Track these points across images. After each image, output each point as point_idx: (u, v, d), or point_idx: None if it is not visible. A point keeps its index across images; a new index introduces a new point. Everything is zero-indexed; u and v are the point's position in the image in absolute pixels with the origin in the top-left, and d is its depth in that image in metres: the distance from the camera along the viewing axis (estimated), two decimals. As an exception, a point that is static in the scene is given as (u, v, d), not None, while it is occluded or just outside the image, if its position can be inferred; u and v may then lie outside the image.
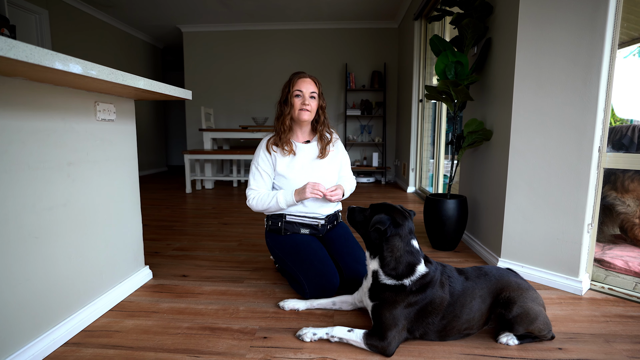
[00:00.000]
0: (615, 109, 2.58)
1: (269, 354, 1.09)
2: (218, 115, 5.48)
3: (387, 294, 1.10)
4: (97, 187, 1.33)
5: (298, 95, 1.49)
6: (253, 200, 1.51)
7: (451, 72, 1.90)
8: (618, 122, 2.57)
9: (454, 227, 2.00)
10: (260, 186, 1.54)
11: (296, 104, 1.49)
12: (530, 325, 1.09)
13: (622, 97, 2.48)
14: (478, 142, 1.92)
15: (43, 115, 1.09)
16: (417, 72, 3.94)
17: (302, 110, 1.50)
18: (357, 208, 1.27)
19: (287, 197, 1.47)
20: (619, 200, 1.98)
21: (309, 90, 1.49)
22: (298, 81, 1.50)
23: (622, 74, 2.39)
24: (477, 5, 1.86)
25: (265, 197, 1.50)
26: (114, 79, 1.05)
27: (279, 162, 1.53)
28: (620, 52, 2.39)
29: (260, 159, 1.55)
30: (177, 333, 1.21)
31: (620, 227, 2.10)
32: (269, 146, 1.55)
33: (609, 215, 2.13)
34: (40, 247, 1.08)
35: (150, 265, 1.79)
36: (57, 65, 0.84)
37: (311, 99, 1.51)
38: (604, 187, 2.08)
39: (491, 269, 1.19)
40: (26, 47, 0.76)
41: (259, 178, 1.54)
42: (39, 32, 3.81)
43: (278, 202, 1.47)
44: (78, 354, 1.09)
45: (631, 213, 1.94)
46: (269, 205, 1.49)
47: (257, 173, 1.55)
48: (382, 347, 1.06)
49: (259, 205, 1.50)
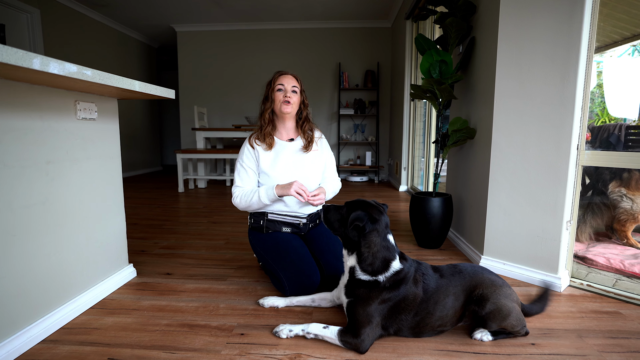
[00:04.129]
0: (608, 108, 2.60)
1: (245, 350, 1.10)
2: (212, 114, 5.49)
3: (361, 290, 1.11)
4: (78, 186, 1.34)
5: (280, 90, 1.51)
6: (237, 197, 1.52)
7: (436, 71, 1.91)
8: (612, 121, 2.58)
9: (439, 225, 2.01)
10: (246, 183, 1.55)
11: (278, 97, 1.52)
12: (503, 322, 1.11)
13: (616, 96, 2.49)
14: (462, 140, 1.94)
15: (20, 114, 1.09)
16: (409, 71, 3.95)
17: (284, 103, 1.51)
18: (332, 206, 1.24)
19: (269, 192, 1.47)
20: (626, 197, 1.99)
21: (290, 85, 1.52)
22: (279, 77, 1.53)
23: (615, 73, 2.41)
24: (461, 4, 1.88)
25: (249, 193, 1.50)
26: (85, 77, 1.06)
27: (262, 157, 1.54)
28: (615, 51, 2.40)
29: (245, 156, 1.55)
30: (156, 330, 1.22)
31: (608, 225, 2.12)
32: (252, 142, 1.56)
33: (599, 212, 2.14)
34: (17, 245, 1.08)
35: (135, 263, 1.79)
36: (24, 64, 0.84)
37: (293, 92, 1.53)
38: (611, 183, 2.10)
39: (466, 267, 1.20)
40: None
41: (244, 175, 1.55)
42: (31, 31, 3.81)
43: (260, 196, 1.47)
44: (54, 351, 1.09)
45: (637, 210, 1.95)
46: (251, 201, 1.49)
47: (242, 170, 1.55)
48: (356, 344, 1.07)
49: (243, 202, 1.51)
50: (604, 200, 2.11)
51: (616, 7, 2.25)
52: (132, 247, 2.07)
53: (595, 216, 2.10)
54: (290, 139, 1.61)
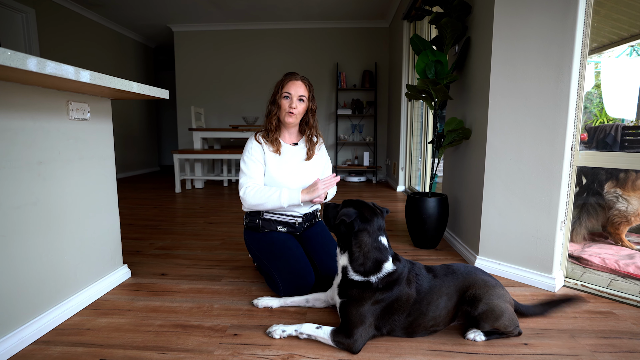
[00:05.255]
0: (606, 109, 2.60)
1: (237, 351, 1.10)
2: (209, 115, 5.48)
3: (354, 291, 1.11)
4: (71, 186, 1.33)
5: (287, 97, 1.49)
6: (250, 190, 1.45)
7: (431, 71, 1.91)
8: (611, 121, 2.58)
9: (434, 225, 2.01)
10: (256, 175, 1.49)
11: (283, 105, 1.49)
12: (495, 322, 1.11)
13: (614, 97, 2.49)
14: (457, 140, 1.94)
15: (10, 114, 1.09)
16: (406, 71, 3.96)
17: (288, 114, 1.50)
18: (332, 204, 1.28)
19: (293, 195, 1.43)
20: (621, 197, 1.99)
21: (297, 93, 1.48)
22: (288, 83, 1.48)
23: (613, 73, 2.40)
24: (456, 4, 1.88)
25: (267, 190, 1.45)
26: (65, 75, 1.06)
27: (268, 156, 1.52)
28: (613, 52, 2.40)
29: (253, 149, 1.51)
30: (149, 331, 1.21)
31: (603, 226, 2.12)
32: (260, 138, 1.54)
33: (594, 213, 2.15)
34: (7, 246, 1.08)
35: (130, 264, 1.79)
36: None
37: (299, 102, 1.49)
38: (606, 183, 2.10)
39: (459, 267, 1.20)
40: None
41: (253, 167, 1.49)
42: (26, 31, 3.79)
43: (281, 197, 1.42)
44: (46, 352, 1.09)
45: (631, 212, 1.95)
46: (268, 198, 1.43)
47: (251, 162, 1.50)
48: (348, 344, 1.07)
49: (256, 198, 1.44)
50: (600, 200, 2.11)
51: (614, 8, 2.25)
52: (127, 247, 2.07)
53: (590, 217, 2.10)
54: (294, 142, 1.60)
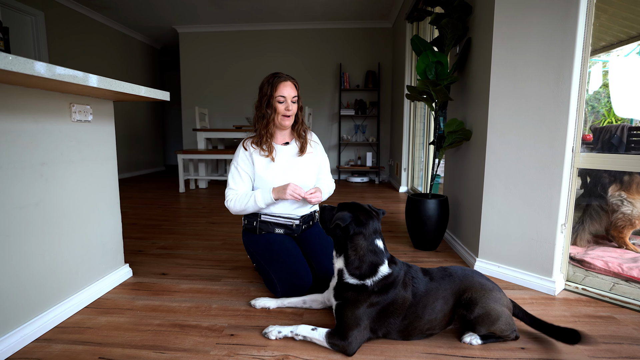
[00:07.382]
0: (614, 108, 2.56)
1: (233, 351, 1.11)
2: (214, 115, 5.52)
3: (350, 293, 1.11)
4: (73, 187, 1.36)
5: (281, 102, 1.49)
6: (231, 201, 1.52)
7: (432, 72, 1.91)
8: (619, 121, 2.54)
9: (434, 227, 2.00)
10: (239, 187, 1.55)
11: (279, 109, 1.49)
12: (492, 326, 1.10)
13: (622, 96, 2.45)
14: (458, 142, 1.93)
15: (13, 117, 1.11)
16: (409, 72, 3.94)
17: (284, 117, 1.50)
18: (328, 207, 1.27)
19: (265, 195, 1.48)
20: (626, 200, 1.97)
21: (291, 95, 1.49)
22: (280, 85, 1.48)
23: (621, 72, 2.36)
24: (456, 5, 1.87)
25: (243, 196, 1.51)
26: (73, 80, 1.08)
27: (257, 161, 1.54)
28: (621, 50, 2.37)
29: (240, 159, 1.55)
30: (147, 330, 1.23)
31: (606, 229, 2.09)
32: (247, 145, 1.56)
33: (597, 217, 2.12)
34: (10, 245, 1.10)
35: (132, 263, 1.81)
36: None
37: (293, 103, 1.51)
38: (610, 186, 2.07)
39: (456, 270, 1.20)
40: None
41: (238, 179, 1.55)
42: (35, 34, 3.86)
43: (256, 200, 1.48)
44: (47, 350, 1.11)
45: (636, 215, 1.92)
46: (246, 204, 1.50)
47: (236, 174, 1.55)
48: (343, 347, 1.08)
49: (237, 206, 1.51)
50: (603, 204, 2.08)
51: (622, 6, 2.22)
52: (129, 247, 2.10)
53: (593, 221, 2.07)
54: (285, 142, 1.61)
